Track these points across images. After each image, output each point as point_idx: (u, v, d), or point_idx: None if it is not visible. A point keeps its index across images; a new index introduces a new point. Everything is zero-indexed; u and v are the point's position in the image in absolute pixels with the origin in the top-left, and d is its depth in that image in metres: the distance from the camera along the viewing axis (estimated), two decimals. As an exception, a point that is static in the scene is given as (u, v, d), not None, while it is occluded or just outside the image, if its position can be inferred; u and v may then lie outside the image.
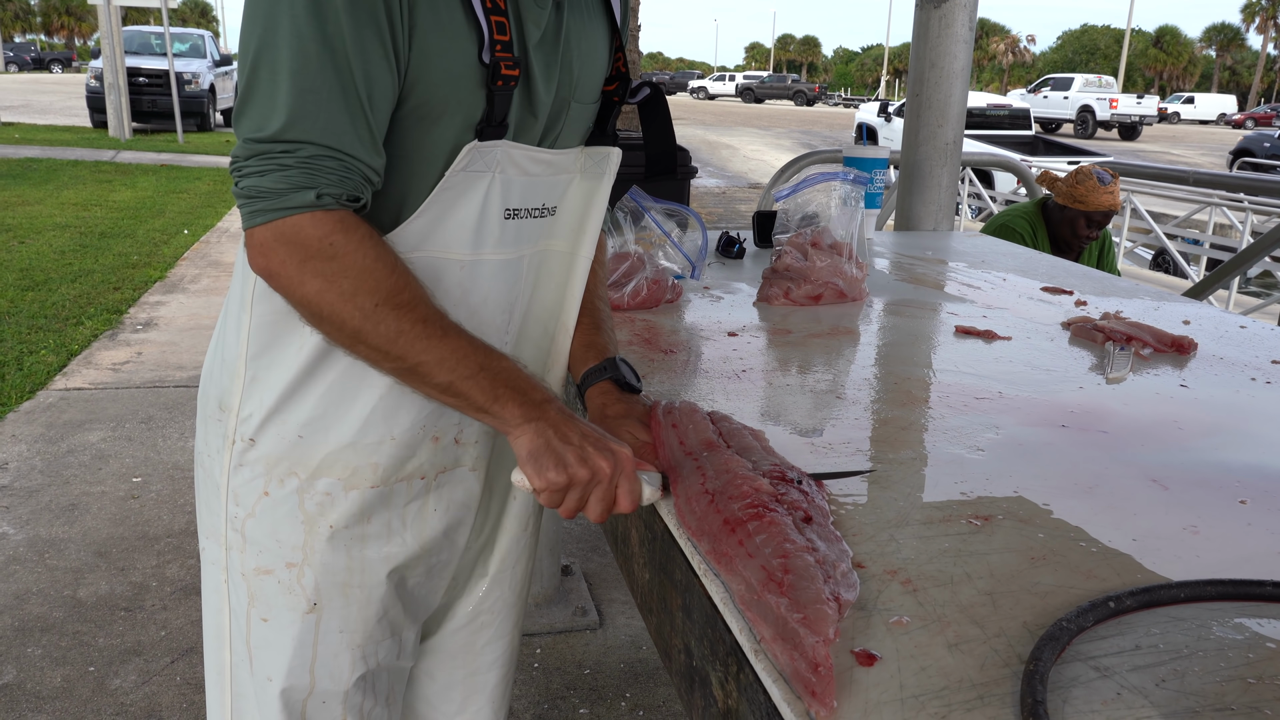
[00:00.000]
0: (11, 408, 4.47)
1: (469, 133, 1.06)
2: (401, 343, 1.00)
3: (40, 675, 2.62)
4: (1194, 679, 0.80)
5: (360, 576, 1.19)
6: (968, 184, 7.85)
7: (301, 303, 0.99)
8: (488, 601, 1.40)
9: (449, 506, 1.23)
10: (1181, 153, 27.81)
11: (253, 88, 0.94)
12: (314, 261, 0.96)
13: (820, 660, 0.76)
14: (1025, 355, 1.74)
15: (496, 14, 1.04)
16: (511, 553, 1.39)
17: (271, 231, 0.96)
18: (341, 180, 0.96)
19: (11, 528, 3.41)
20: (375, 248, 0.99)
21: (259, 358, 1.12)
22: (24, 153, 13.69)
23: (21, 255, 7.37)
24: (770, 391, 1.51)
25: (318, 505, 1.14)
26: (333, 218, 0.96)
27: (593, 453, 1.03)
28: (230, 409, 1.15)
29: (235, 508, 1.17)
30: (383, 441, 1.13)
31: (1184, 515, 1.11)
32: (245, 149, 0.95)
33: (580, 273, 1.29)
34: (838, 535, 0.98)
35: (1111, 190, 3.47)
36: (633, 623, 3.00)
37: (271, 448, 1.13)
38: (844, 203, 2.12)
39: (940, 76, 3.36)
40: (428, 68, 1.01)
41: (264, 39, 0.93)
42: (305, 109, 0.93)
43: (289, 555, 1.16)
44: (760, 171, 17.57)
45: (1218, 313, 2.18)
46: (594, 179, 1.26)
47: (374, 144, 0.99)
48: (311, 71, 0.92)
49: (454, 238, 1.09)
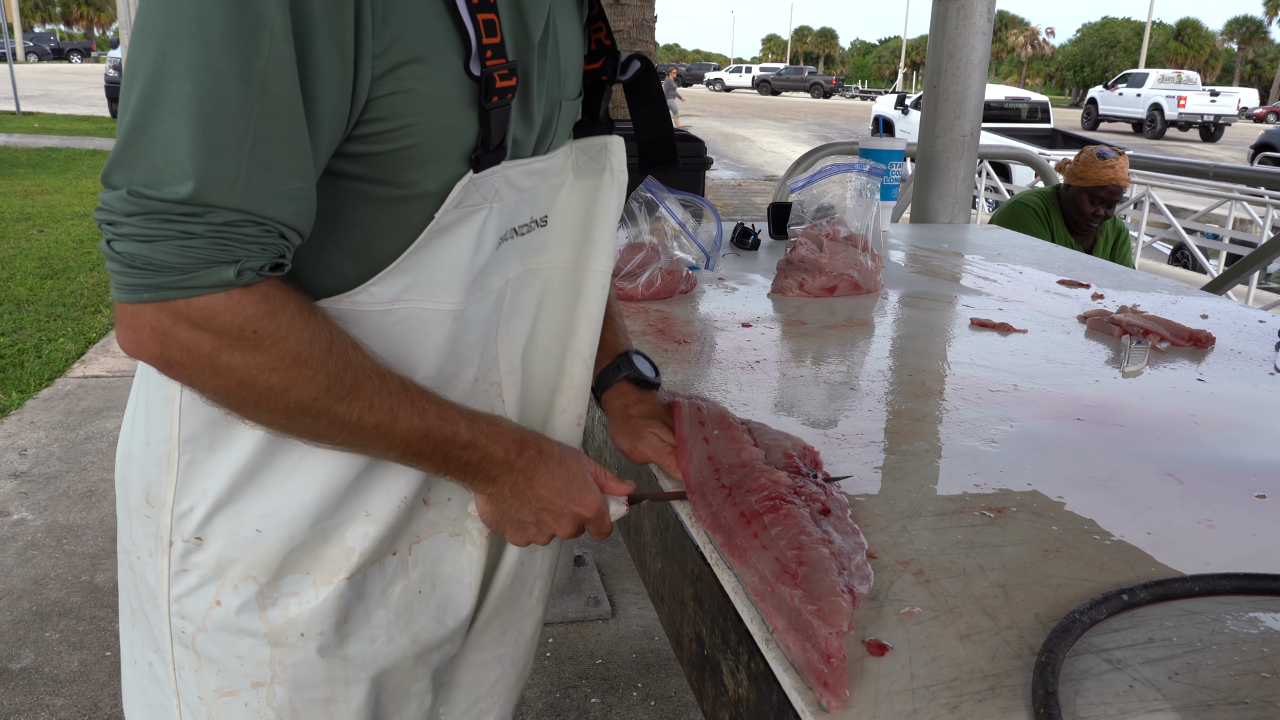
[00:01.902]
0: (31, 394, 4.51)
1: (461, 164, 0.88)
2: (344, 435, 0.85)
3: (58, 659, 2.65)
4: (1207, 672, 0.80)
5: (344, 689, 1.00)
6: (985, 177, 7.80)
7: (214, 396, 0.80)
8: (485, 685, 1.19)
9: (434, 583, 1.05)
10: (1203, 146, 27.60)
11: (143, 129, 0.70)
12: (231, 353, 0.76)
13: (833, 651, 0.76)
14: (1041, 348, 1.73)
15: (484, 10, 0.84)
16: (514, 625, 1.19)
17: (169, 313, 0.74)
18: (262, 250, 0.75)
19: (30, 513, 3.44)
20: (308, 327, 0.79)
21: (196, 440, 0.91)
22: (43, 142, 13.79)
23: (41, 244, 7.43)
24: (784, 383, 1.51)
25: (282, 610, 0.95)
26: (254, 296, 0.75)
27: (550, 521, 0.99)
28: (161, 503, 0.93)
29: (181, 622, 0.96)
30: (355, 519, 0.95)
31: (1199, 509, 1.11)
32: (127, 204, 0.70)
33: (594, 291, 1.10)
34: (855, 528, 0.98)
35: (1112, 165, 3.43)
36: (645, 613, 3.01)
37: (222, 548, 0.92)
38: (859, 194, 2.12)
39: (958, 68, 3.34)
40: (412, 98, 0.81)
41: (162, 68, 0.69)
42: (220, 168, 0.70)
43: (254, 674, 0.96)
44: (776, 164, 17.52)
45: (1236, 307, 2.16)
46: (592, 176, 1.08)
47: (306, 201, 0.77)
48: (230, 119, 0.70)
49: (442, 285, 0.91)
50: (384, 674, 1.02)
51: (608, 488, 1.03)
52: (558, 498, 0.98)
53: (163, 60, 0.69)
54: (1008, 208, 3.71)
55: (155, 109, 0.70)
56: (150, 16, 0.70)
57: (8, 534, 3.28)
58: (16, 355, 4.95)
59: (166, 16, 0.69)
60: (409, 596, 1.02)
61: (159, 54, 0.69)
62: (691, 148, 3.40)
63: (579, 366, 1.12)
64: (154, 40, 0.69)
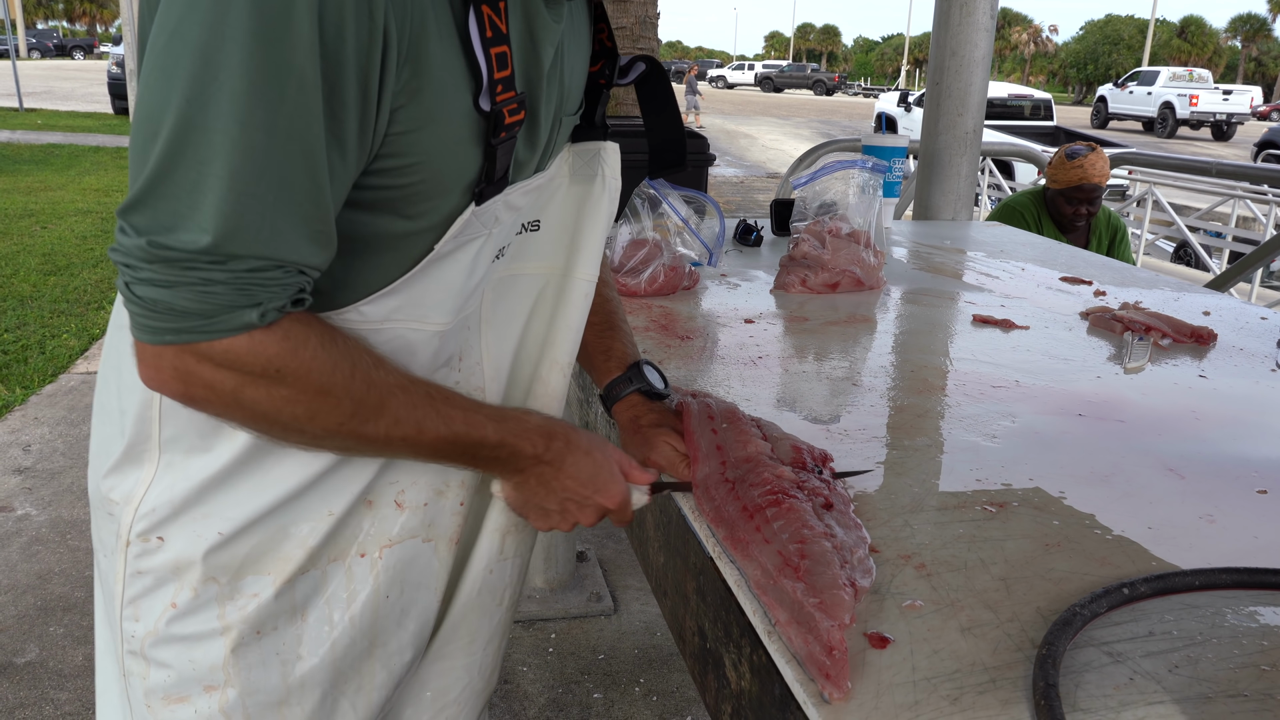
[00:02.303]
0: (34, 390, 4.52)
1: (463, 196, 0.87)
2: (372, 450, 0.87)
3: (62, 654, 2.66)
4: (1207, 665, 0.80)
5: (299, 692, 0.97)
6: (987, 174, 7.80)
7: (240, 426, 0.82)
8: (452, 692, 1.17)
9: (402, 587, 1.02)
10: (1205, 143, 27.53)
11: (166, 176, 0.69)
12: (255, 388, 0.76)
13: (835, 643, 0.77)
14: (1043, 344, 1.74)
15: (498, 44, 0.82)
16: (482, 633, 1.16)
17: (192, 355, 0.74)
18: (283, 289, 0.75)
19: (34, 509, 3.45)
20: (329, 357, 0.79)
21: (175, 442, 0.89)
22: (46, 138, 13.80)
23: (44, 240, 7.44)
24: (787, 378, 1.52)
25: (240, 610, 0.92)
26: (275, 335, 0.76)
27: (574, 510, 1.01)
28: (127, 500, 0.91)
29: (134, 625, 0.93)
30: (318, 517, 0.93)
31: (1200, 504, 1.11)
32: (145, 251, 0.70)
33: (576, 299, 1.09)
34: (857, 522, 0.98)
35: (1081, 165, 3.41)
36: (647, 609, 3.02)
37: (182, 549, 0.90)
38: (862, 191, 2.12)
39: (961, 65, 3.34)
40: (423, 136, 0.80)
41: (189, 116, 0.68)
42: (244, 220, 0.70)
43: (207, 677, 0.93)
44: (779, 161, 17.51)
45: (1238, 304, 2.16)
46: (584, 182, 1.07)
47: (328, 239, 0.77)
48: (255, 170, 0.69)
49: (433, 307, 0.91)
50: (341, 677, 1.00)
51: (632, 476, 1.05)
52: (583, 488, 1.00)
53: (188, 107, 0.67)
54: (999, 210, 3.71)
55: (180, 158, 0.68)
56: (172, 55, 0.68)
57: (12, 529, 3.29)
58: (20, 351, 4.96)
59: (193, 59, 0.67)
60: (376, 600, 1.00)
61: (185, 100, 0.67)
62: (695, 144, 3.41)
63: (555, 374, 1.11)
64: (180, 84, 0.68)
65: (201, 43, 0.67)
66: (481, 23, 0.80)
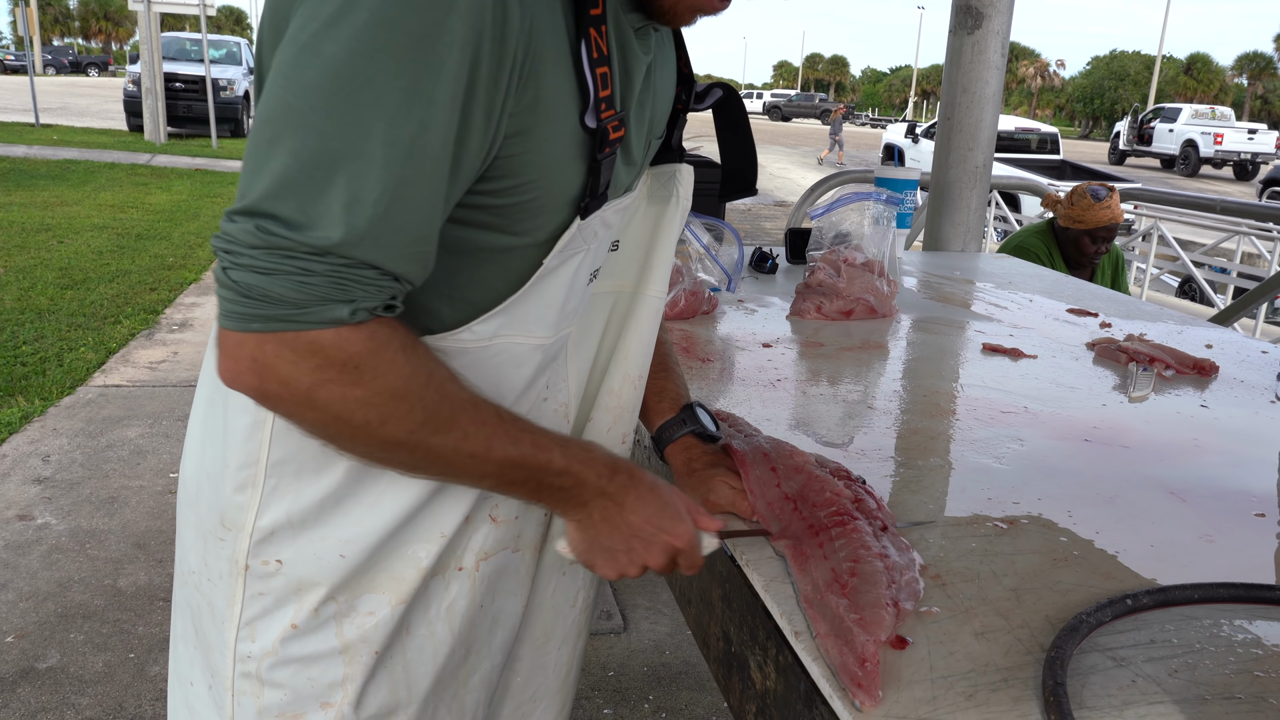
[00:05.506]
0: (53, 402, 4.58)
1: (568, 211, 0.90)
2: (438, 467, 0.86)
3: (83, 660, 2.71)
4: (1204, 671, 0.86)
5: (406, 705, 1.01)
6: (994, 206, 7.88)
7: (310, 429, 0.81)
8: (529, 691, 1.20)
9: (494, 596, 1.05)
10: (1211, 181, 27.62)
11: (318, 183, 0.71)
12: (330, 387, 0.76)
13: (868, 656, 0.83)
14: (1050, 373, 1.80)
15: (601, 64, 0.85)
16: (557, 633, 1.20)
17: (274, 344, 0.74)
18: (379, 291, 0.76)
19: (54, 518, 3.50)
20: (409, 363, 0.80)
21: (284, 464, 0.91)
22: (62, 154, 13.95)
23: (61, 255, 7.53)
24: (804, 400, 1.58)
25: (358, 628, 0.95)
26: (361, 334, 0.76)
27: (641, 550, 0.97)
28: (240, 527, 0.93)
29: (250, 645, 0.95)
30: (431, 539, 0.96)
31: (1200, 525, 1.17)
32: (254, 236, 0.71)
33: (647, 315, 1.11)
34: (908, 544, 1.04)
35: (1108, 205, 3.49)
36: (656, 628, 3.06)
37: (303, 572, 0.93)
38: (877, 222, 2.19)
39: (972, 101, 3.42)
40: (534, 156, 0.83)
41: (324, 128, 0.71)
42: (371, 229, 0.73)
43: (324, 694, 0.96)
44: (787, 189, 17.63)
45: (1240, 337, 2.23)
46: (660, 203, 1.10)
47: (428, 255, 0.79)
48: (389, 185, 0.73)
49: (536, 321, 0.94)
50: (441, 685, 1.03)
51: (699, 522, 1.02)
52: (648, 525, 0.97)
53: (325, 122, 0.70)
54: (1010, 250, 3.76)
55: (320, 162, 0.71)
56: (305, 69, 0.71)
57: (32, 538, 3.35)
58: (39, 364, 5.03)
59: (332, 78, 0.70)
60: (472, 610, 1.02)
61: (323, 117, 0.70)
62: (712, 173, 3.48)
63: (628, 388, 1.13)
64: (319, 100, 0.70)
65: (353, 54, 0.70)
66: (589, 45, 0.84)
